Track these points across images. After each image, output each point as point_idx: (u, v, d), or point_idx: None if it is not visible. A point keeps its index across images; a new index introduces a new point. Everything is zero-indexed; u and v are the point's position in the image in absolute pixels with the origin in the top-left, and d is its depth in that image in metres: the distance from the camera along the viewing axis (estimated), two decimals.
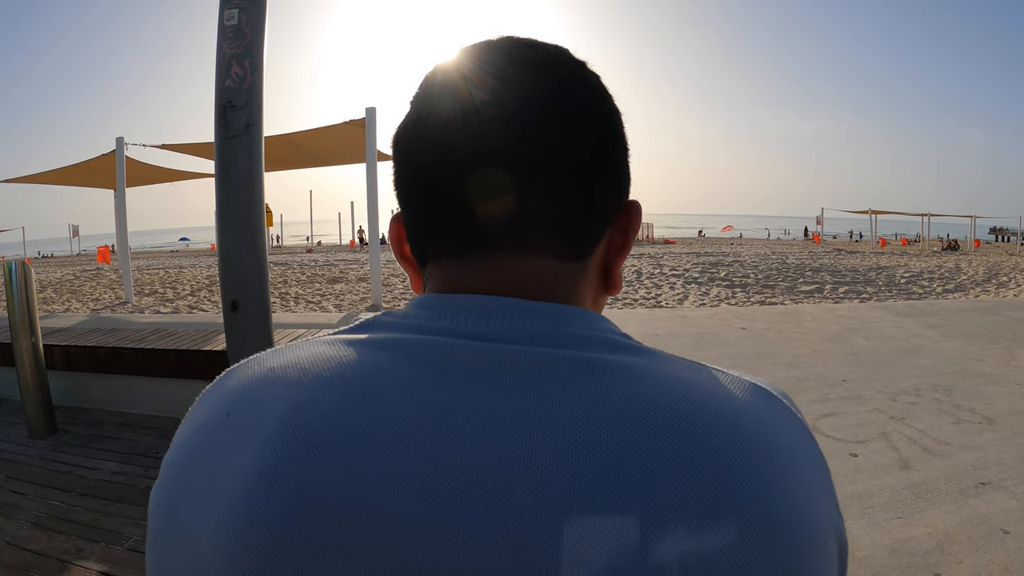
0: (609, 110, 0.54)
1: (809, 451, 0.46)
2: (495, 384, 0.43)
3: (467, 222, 0.50)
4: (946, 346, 7.30)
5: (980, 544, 2.97)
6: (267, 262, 3.91)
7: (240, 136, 3.73)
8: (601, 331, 0.49)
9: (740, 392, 0.46)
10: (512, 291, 0.50)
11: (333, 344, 0.48)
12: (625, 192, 0.57)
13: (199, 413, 0.49)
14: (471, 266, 0.51)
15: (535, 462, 0.39)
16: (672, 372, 0.45)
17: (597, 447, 0.39)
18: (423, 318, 0.49)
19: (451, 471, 0.39)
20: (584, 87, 0.53)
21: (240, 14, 3.73)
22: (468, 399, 0.42)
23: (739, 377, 0.49)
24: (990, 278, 18.39)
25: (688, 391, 0.43)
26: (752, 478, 0.40)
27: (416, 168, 0.53)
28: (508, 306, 0.48)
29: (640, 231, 0.59)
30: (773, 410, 0.46)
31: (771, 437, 0.43)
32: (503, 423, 0.41)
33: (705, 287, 15.85)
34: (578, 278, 0.53)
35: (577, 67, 0.54)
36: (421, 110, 0.53)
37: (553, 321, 0.48)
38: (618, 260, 0.57)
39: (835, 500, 0.47)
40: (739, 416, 0.43)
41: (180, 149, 14.03)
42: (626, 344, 0.48)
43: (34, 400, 4.54)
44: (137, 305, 13.50)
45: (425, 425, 0.41)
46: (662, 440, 0.40)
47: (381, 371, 0.44)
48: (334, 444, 0.40)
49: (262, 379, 0.47)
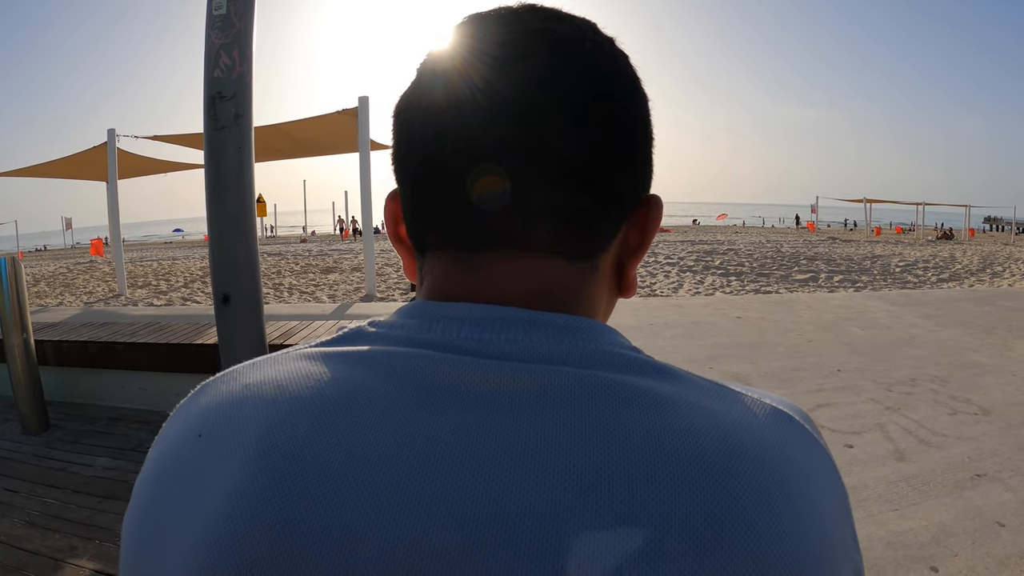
0: (630, 94, 0.49)
1: (830, 484, 0.43)
2: (486, 408, 0.39)
3: (465, 215, 0.46)
4: (941, 336, 7.32)
5: (976, 537, 2.97)
6: (258, 255, 3.88)
7: (230, 127, 3.70)
8: (609, 345, 0.44)
9: (760, 420, 0.42)
10: (513, 296, 0.46)
11: (313, 359, 0.45)
12: (646, 185, 0.51)
13: (171, 432, 0.46)
14: (469, 265, 0.47)
15: (530, 500, 0.36)
16: (686, 397, 0.41)
17: (601, 483, 0.36)
18: (412, 328, 0.45)
19: (438, 516, 0.36)
20: (605, 67, 0.47)
21: (229, 3, 3.69)
22: (455, 426, 0.38)
23: (759, 400, 0.45)
24: (985, 267, 18.44)
25: (703, 419, 0.40)
26: (767, 516, 0.37)
27: (414, 147, 0.48)
28: (506, 316, 0.44)
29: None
30: (794, 439, 0.43)
31: (790, 471, 0.40)
32: (494, 455, 0.37)
33: (700, 275, 15.85)
34: (588, 279, 0.49)
35: (601, 43, 0.48)
36: (422, 84, 0.49)
37: (556, 334, 0.44)
38: (634, 260, 0.52)
39: (853, 533, 0.44)
40: (757, 448, 0.40)
41: (171, 140, 13.98)
42: (637, 361, 0.44)
43: (26, 396, 4.50)
44: (130, 298, 13.45)
45: (408, 460, 0.37)
46: (673, 475, 0.36)
47: (361, 393, 0.41)
48: (309, 487, 0.37)
49: (237, 397, 0.44)
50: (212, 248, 3.82)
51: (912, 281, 15.17)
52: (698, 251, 23.03)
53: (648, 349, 2.15)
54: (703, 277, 15.58)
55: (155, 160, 15.97)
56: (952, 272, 17.11)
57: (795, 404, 0.48)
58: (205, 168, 3.77)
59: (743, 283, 14.50)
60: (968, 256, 22.66)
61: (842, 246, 28.18)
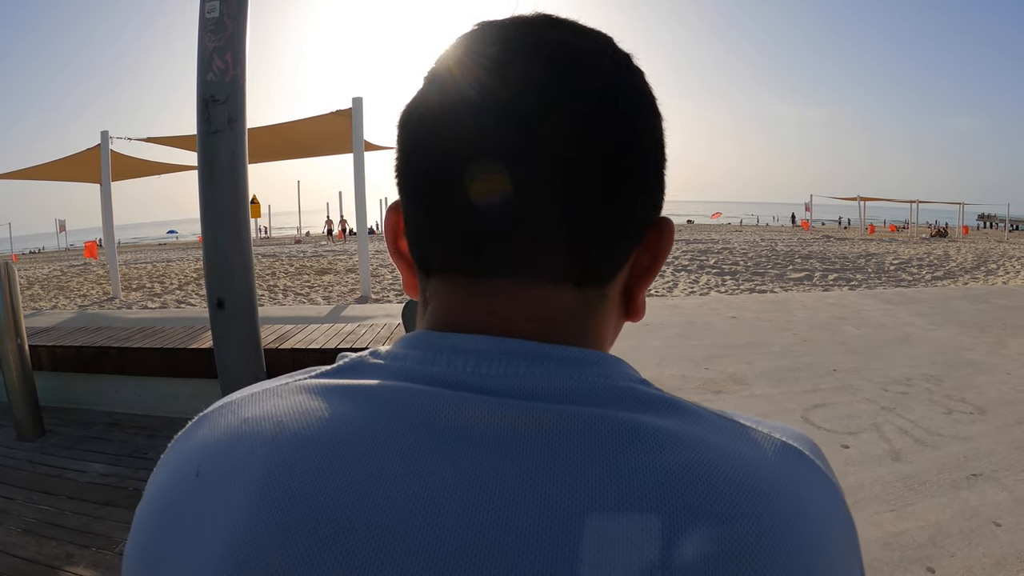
0: (644, 112, 0.47)
1: (838, 520, 0.42)
2: (492, 448, 0.38)
3: (468, 236, 0.44)
4: (936, 335, 7.33)
5: (972, 537, 2.98)
6: (252, 259, 3.87)
7: (223, 131, 3.69)
8: (618, 379, 0.43)
9: (768, 456, 0.41)
10: (519, 326, 0.44)
11: (314, 393, 0.43)
12: (658, 207, 0.49)
13: (169, 466, 0.45)
14: (474, 291, 0.45)
15: (535, 544, 0.35)
16: (695, 433, 0.40)
17: (608, 525, 0.35)
18: (415, 361, 0.44)
19: (440, 560, 0.35)
20: (618, 83, 0.45)
21: (221, 6, 3.68)
22: (458, 467, 0.38)
23: (768, 436, 0.43)
24: (979, 265, 18.51)
25: (711, 457, 0.39)
26: (773, 555, 0.36)
27: (415, 159, 0.47)
28: (512, 349, 0.43)
29: None
30: (802, 476, 0.42)
31: (797, 509, 0.39)
32: (499, 498, 0.36)
33: (695, 275, 15.87)
34: (597, 307, 0.47)
35: (618, 60, 0.47)
36: (429, 95, 0.47)
37: (563, 369, 0.42)
38: (643, 284, 0.50)
39: (861, 568, 0.43)
40: (765, 486, 0.39)
41: (165, 142, 13.94)
42: (645, 396, 0.42)
43: (21, 402, 4.49)
44: (125, 301, 13.41)
45: (409, 503, 0.37)
46: (679, 516, 0.36)
47: (362, 432, 0.40)
48: (309, 536, 0.37)
49: (236, 433, 0.43)
50: (206, 253, 3.80)
51: (906, 279, 15.22)
52: (693, 250, 23.07)
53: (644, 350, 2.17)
54: (698, 276, 15.61)
55: (149, 162, 15.92)
56: (946, 270, 17.17)
57: (805, 434, 0.47)
58: (199, 173, 3.76)
59: (738, 282, 14.53)
60: (962, 254, 22.72)
61: (836, 244, 28.25)
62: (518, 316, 0.45)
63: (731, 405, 4.88)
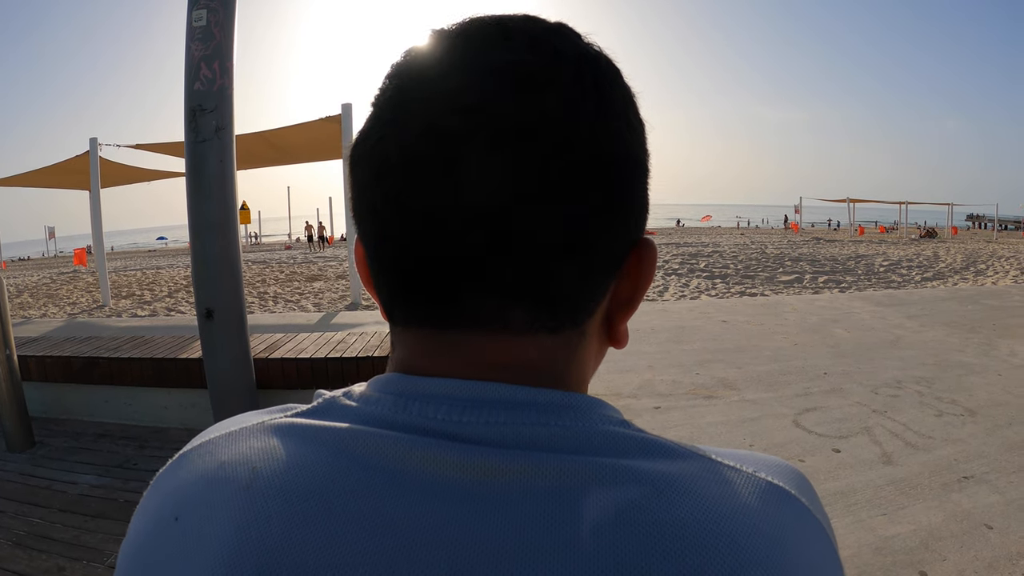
0: (614, 136, 0.41)
1: (824, 563, 0.41)
2: (468, 501, 0.37)
3: (431, 288, 0.41)
4: (926, 336, 7.36)
5: (964, 540, 2.98)
6: (242, 269, 3.86)
7: (211, 140, 3.68)
8: (599, 423, 0.41)
9: (752, 503, 0.39)
10: (494, 373, 0.42)
11: (287, 436, 0.42)
12: (637, 229, 0.45)
13: (151, 508, 0.45)
14: (444, 342, 0.43)
15: None
16: (677, 482, 0.38)
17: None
18: (387, 407, 0.42)
19: None
20: (577, 111, 0.40)
21: (208, 15, 3.68)
22: (432, 520, 0.36)
23: (753, 476, 0.41)
24: (968, 266, 18.61)
25: (693, 508, 0.37)
26: None
27: (363, 201, 0.43)
28: (486, 396, 0.41)
29: None
30: (787, 521, 0.40)
31: (783, 559, 0.37)
32: (475, 555, 0.35)
33: (685, 278, 15.91)
34: (576, 345, 0.45)
35: (580, 77, 0.41)
36: (370, 127, 0.43)
37: (541, 415, 0.40)
38: (624, 315, 0.47)
39: None
40: (750, 536, 0.37)
41: (154, 149, 13.88)
42: (626, 439, 0.41)
43: (10, 413, 4.44)
44: (114, 308, 13.34)
45: (382, 558, 0.36)
46: (657, 572, 0.34)
47: (335, 483, 0.38)
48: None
49: (212, 479, 0.42)
50: (195, 263, 3.79)
51: (896, 280, 15.28)
52: (683, 253, 23.11)
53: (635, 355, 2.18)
54: (688, 280, 15.64)
55: (138, 168, 15.85)
56: (936, 271, 17.25)
57: (790, 466, 0.45)
58: (186, 181, 3.75)
59: (728, 285, 14.56)
60: (952, 254, 22.85)
61: (826, 246, 28.38)
62: (492, 363, 0.43)
63: (722, 410, 4.91)
